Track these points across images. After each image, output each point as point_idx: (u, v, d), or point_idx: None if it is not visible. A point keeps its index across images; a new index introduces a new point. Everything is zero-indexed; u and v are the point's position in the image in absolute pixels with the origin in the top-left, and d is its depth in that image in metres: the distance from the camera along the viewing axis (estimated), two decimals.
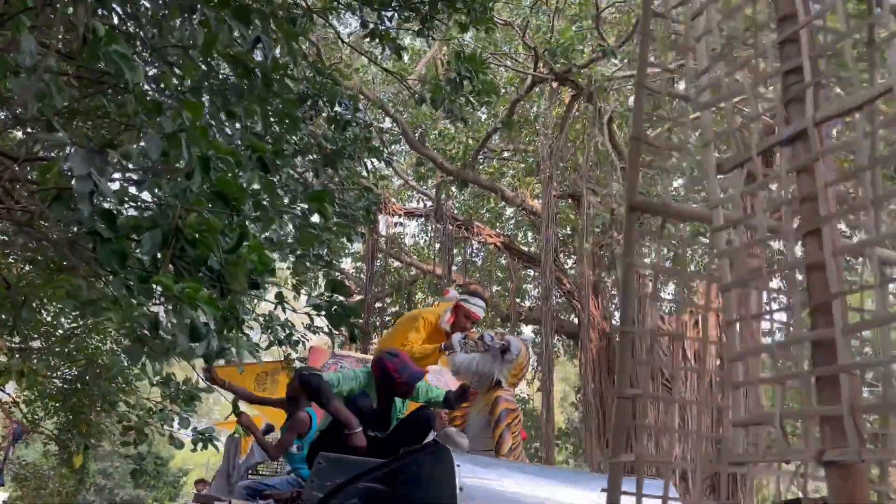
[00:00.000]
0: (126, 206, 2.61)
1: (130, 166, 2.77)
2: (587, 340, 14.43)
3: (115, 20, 3.37)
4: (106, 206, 2.50)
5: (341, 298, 2.63)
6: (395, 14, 5.48)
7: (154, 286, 2.23)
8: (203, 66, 3.44)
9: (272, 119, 3.47)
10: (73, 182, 2.14)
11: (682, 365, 14.55)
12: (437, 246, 17.72)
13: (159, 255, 2.40)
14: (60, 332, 8.25)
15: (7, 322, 4.59)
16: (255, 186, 3.01)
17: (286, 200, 4.53)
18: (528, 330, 16.46)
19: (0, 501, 22.36)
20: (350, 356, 6.53)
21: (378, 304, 18.03)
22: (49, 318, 8.36)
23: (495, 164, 17.70)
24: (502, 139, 17.40)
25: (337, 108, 5.46)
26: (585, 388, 13.06)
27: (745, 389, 0.94)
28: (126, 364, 5.99)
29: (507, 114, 12.38)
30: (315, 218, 4.35)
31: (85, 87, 3.14)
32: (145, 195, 2.53)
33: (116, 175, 2.81)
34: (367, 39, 5.65)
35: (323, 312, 2.59)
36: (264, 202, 2.60)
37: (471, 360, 3.78)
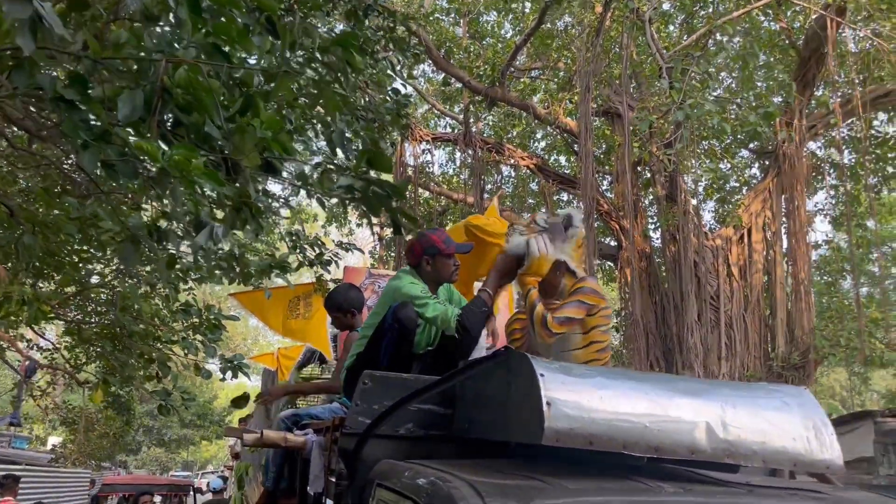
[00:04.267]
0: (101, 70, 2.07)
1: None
2: (630, 261, 13.84)
3: None
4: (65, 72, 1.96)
5: (380, 176, 2.09)
6: None
7: (137, 160, 1.70)
8: None
9: None
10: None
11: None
12: (467, 173, 17.05)
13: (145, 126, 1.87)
14: (95, 278, 7.94)
15: (8, 250, 4.17)
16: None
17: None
18: None
19: (50, 446, 23.03)
20: (388, 274, 6.04)
21: (409, 237, 17.56)
22: (79, 263, 8.06)
23: (525, 80, 16.78)
24: (530, 56, 16.44)
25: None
26: (633, 309, 12.54)
27: None
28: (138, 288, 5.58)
29: (537, 20, 11.45)
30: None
31: None
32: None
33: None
34: None
35: (358, 194, 2.04)
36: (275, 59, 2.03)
37: (534, 244, 3.15)
